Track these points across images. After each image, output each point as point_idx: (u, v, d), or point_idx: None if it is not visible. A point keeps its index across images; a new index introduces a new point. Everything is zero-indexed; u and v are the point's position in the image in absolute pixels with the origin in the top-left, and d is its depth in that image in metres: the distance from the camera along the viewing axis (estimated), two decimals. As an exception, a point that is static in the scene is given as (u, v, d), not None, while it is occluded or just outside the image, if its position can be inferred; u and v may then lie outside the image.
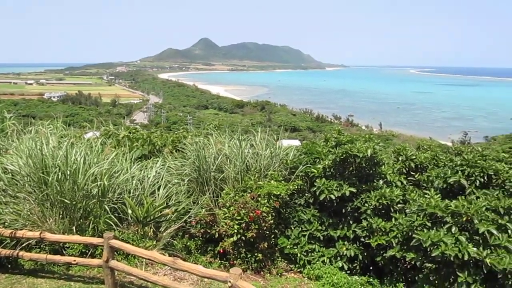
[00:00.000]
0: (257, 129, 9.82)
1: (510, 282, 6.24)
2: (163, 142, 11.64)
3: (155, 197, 7.86)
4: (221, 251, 7.80)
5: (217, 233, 7.80)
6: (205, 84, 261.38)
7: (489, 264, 6.10)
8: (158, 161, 8.96)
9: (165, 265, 6.19)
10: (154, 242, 7.32)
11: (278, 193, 7.91)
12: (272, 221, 7.89)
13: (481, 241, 6.40)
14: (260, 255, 7.79)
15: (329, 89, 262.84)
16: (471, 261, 6.31)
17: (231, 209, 7.78)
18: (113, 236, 6.00)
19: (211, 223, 7.91)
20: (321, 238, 8.06)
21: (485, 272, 6.25)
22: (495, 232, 6.31)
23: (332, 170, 8.30)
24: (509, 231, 6.45)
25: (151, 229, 7.55)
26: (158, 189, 8.05)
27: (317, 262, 7.84)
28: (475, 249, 6.20)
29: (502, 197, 6.92)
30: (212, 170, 8.83)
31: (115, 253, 6.24)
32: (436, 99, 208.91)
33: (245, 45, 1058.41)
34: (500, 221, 6.52)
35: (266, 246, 7.87)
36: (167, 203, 7.83)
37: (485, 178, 7.44)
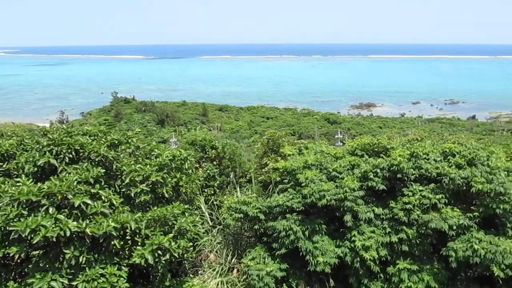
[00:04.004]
0: None
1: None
2: None
3: None
4: None
5: None
6: None
7: (90, 233, 6.47)
8: None
9: None
10: None
11: None
12: None
13: (80, 214, 6.69)
14: None
15: None
16: (75, 236, 6.55)
17: None
18: None
19: None
20: None
21: (90, 241, 6.64)
22: (90, 202, 6.71)
23: None
24: (103, 197, 7.02)
25: None
26: None
27: None
28: (75, 223, 6.44)
29: (90, 168, 7.35)
30: None
31: None
32: (27, 81, 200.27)
33: None
34: (92, 190, 6.96)
35: None
36: None
37: (74, 153, 7.68)
